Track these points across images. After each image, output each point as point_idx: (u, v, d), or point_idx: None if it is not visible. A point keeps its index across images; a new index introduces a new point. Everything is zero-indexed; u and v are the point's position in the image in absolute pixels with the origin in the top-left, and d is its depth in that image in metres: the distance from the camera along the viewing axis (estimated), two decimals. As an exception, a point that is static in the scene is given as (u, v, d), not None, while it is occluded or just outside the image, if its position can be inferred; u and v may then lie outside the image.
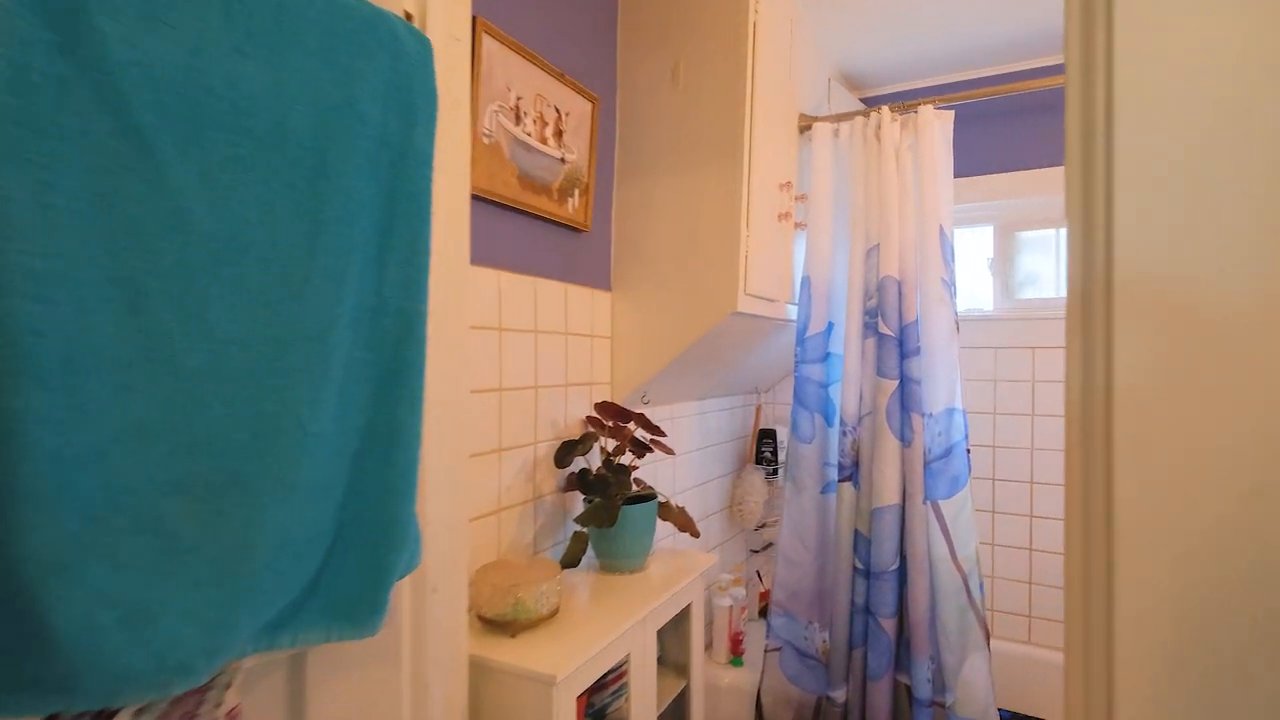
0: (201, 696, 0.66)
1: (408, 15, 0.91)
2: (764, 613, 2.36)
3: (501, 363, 1.37)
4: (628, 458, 1.56)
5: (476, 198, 1.29)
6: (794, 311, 1.98)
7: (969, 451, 1.77)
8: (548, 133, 1.47)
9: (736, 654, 2.06)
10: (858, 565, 1.81)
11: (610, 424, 1.54)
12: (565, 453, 1.49)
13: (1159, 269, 0.47)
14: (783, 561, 1.90)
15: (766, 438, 2.44)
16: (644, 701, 1.33)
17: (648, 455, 1.59)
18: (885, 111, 1.82)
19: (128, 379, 0.57)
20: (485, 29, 1.28)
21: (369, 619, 0.74)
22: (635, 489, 1.52)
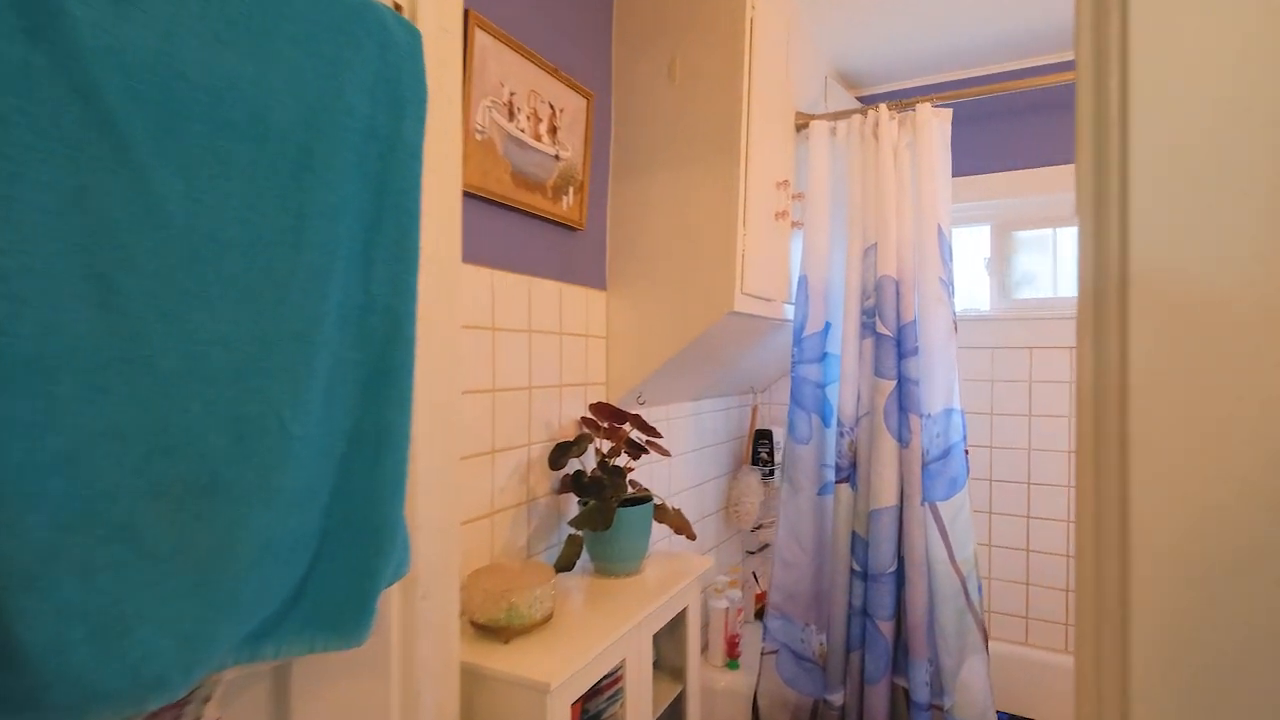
0: (179, 711, 0.63)
1: (397, 6, 0.89)
2: (760, 615, 2.34)
3: (495, 363, 1.34)
4: (623, 459, 1.54)
5: (469, 195, 1.27)
6: (791, 311, 1.96)
7: (967, 452, 1.75)
8: (542, 129, 1.45)
9: (733, 657, 2.04)
10: (855, 567, 1.79)
11: (605, 425, 1.52)
12: (560, 454, 1.47)
13: (1177, 264, 0.45)
14: (779, 563, 1.89)
15: (763, 438, 2.43)
16: (639, 707, 1.31)
17: (643, 457, 1.57)
18: (883, 109, 1.80)
19: (101, 380, 0.54)
20: (478, 23, 1.26)
21: (355, 628, 0.71)
22: (631, 491, 1.50)
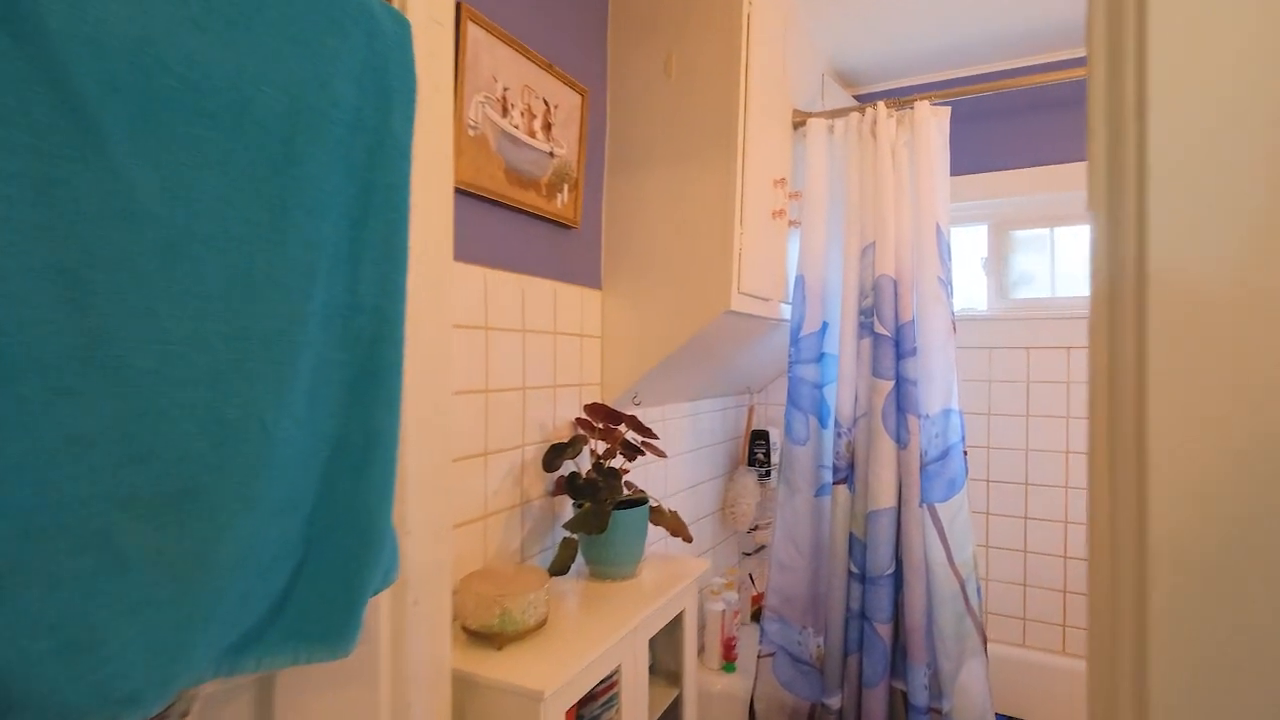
0: (154, 727, 0.60)
1: (386, -5, 0.86)
2: (757, 617, 2.32)
3: (488, 363, 1.32)
4: (618, 461, 1.52)
5: (461, 192, 1.24)
6: (788, 311, 1.94)
7: (966, 453, 1.74)
8: (536, 125, 1.43)
9: (729, 659, 2.02)
10: (853, 569, 1.77)
11: (600, 426, 1.49)
12: (554, 456, 1.44)
13: (1199, 259, 0.43)
14: (776, 566, 1.87)
15: (759, 439, 2.41)
16: (635, 712, 1.29)
17: (639, 458, 1.54)
18: (881, 107, 1.79)
19: (68, 382, 0.52)
20: (470, 16, 1.23)
21: (341, 639, 0.69)
22: (626, 493, 1.48)
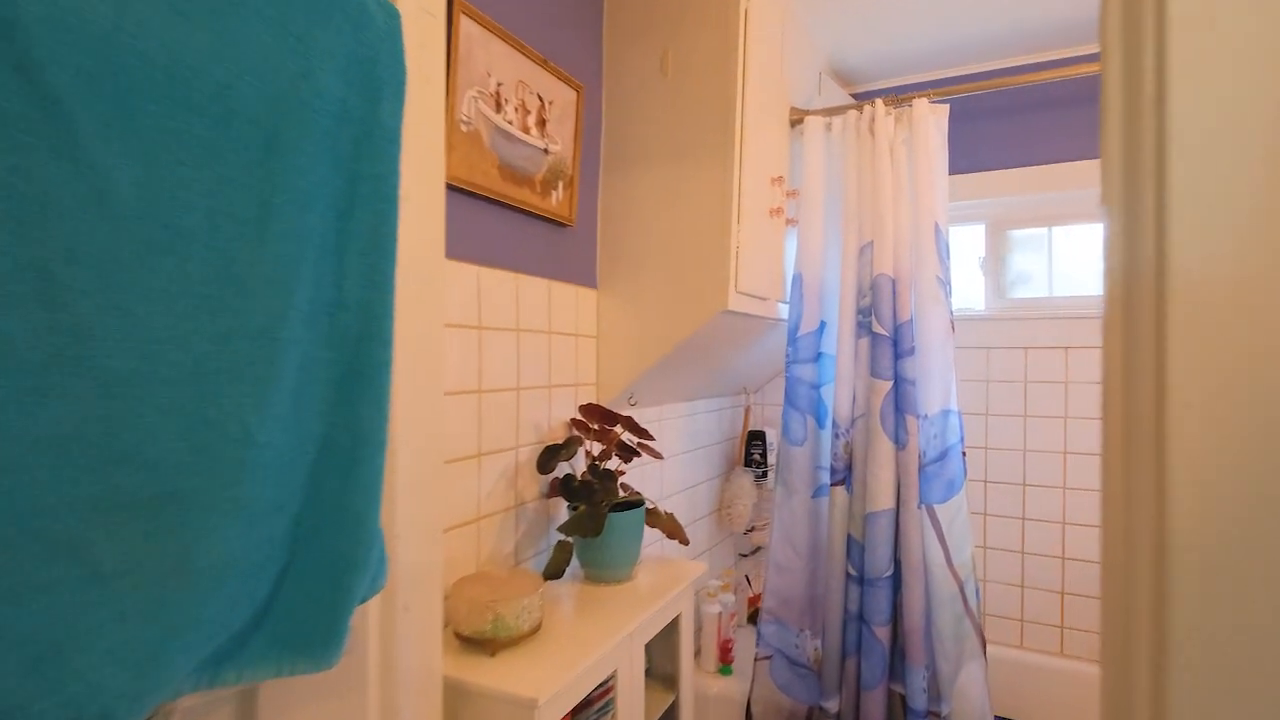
0: (130, 743, 0.58)
1: (375, -15, 0.83)
2: (753, 619, 2.30)
3: (481, 363, 1.30)
4: (614, 462, 1.49)
5: (454, 189, 1.22)
6: (785, 310, 1.92)
7: (965, 454, 1.72)
8: (530, 122, 1.40)
9: (726, 662, 2.00)
10: (851, 571, 1.76)
11: (596, 427, 1.47)
12: (548, 458, 1.42)
13: (1223, 257, 0.41)
14: (773, 567, 1.85)
15: (755, 440, 2.39)
16: (631, 717, 1.27)
17: (635, 459, 1.52)
18: (879, 105, 1.77)
19: (38, 382, 0.49)
20: (463, 9, 1.21)
21: (327, 649, 0.66)
22: (622, 495, 1.46)
